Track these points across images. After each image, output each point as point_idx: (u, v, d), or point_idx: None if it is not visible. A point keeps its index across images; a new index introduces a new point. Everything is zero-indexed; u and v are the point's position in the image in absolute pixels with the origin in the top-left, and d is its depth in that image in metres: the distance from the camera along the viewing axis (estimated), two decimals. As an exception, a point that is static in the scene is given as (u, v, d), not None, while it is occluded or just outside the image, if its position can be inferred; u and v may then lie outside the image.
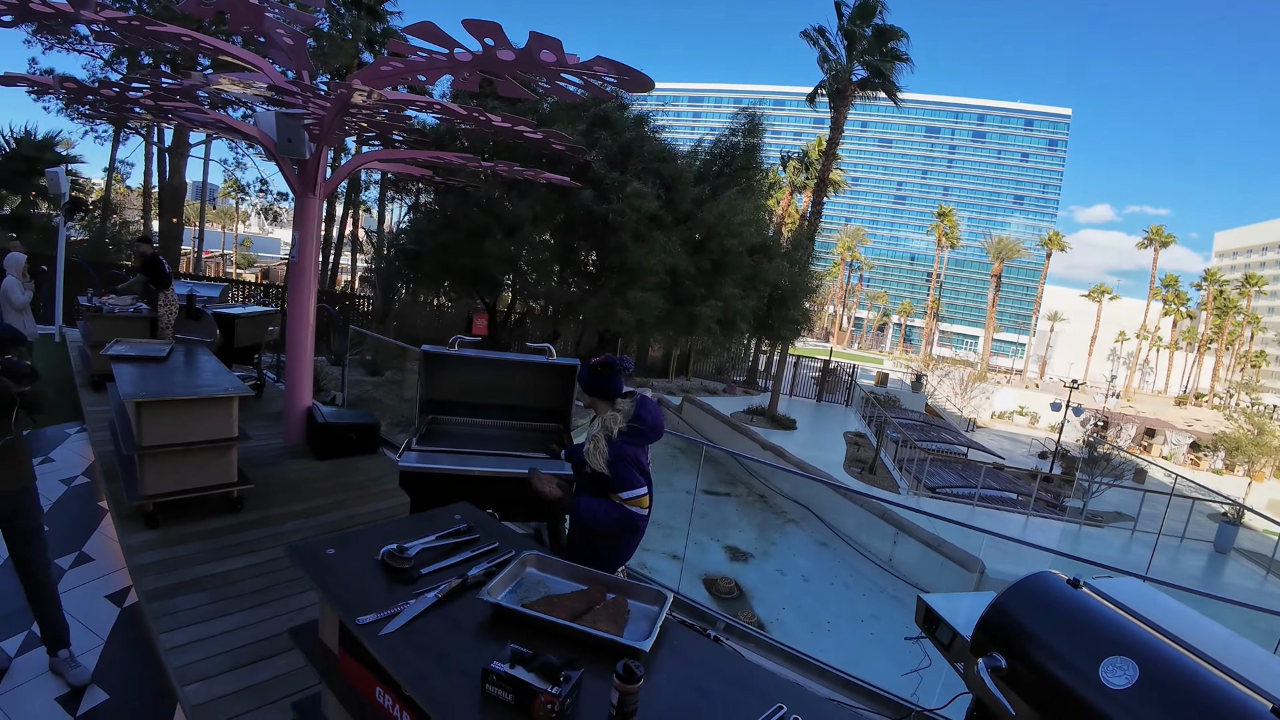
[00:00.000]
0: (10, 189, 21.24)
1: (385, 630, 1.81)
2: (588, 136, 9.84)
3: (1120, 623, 1.61)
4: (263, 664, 3.11)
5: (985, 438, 28.90)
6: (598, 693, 1.65)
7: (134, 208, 32.32)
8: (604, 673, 1.70)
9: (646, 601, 2.15)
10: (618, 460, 2.65)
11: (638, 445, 2.70)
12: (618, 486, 2.66)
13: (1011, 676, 1.66)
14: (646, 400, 2.83)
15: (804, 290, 12.92)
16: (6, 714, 2.85)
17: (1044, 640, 1.63)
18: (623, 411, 2.73)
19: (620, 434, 2.68)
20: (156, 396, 4.23)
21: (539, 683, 1.56)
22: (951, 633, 2.14)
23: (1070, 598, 1.72)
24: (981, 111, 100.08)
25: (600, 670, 1.70)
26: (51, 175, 9.40)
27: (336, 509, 4.88)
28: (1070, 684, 1.50)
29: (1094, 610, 1.66)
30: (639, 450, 2.71)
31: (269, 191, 26.73)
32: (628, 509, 2.66)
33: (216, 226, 57.02)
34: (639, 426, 2.70)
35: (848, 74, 20.73)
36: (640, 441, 2.72)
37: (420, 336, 15.04)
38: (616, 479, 2.66)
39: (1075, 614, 1.66)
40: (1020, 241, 69.37)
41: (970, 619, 2.03)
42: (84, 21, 4.91)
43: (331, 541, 2.31)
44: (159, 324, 7.47)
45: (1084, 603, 1.69)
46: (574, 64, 4.54)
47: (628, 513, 2.66)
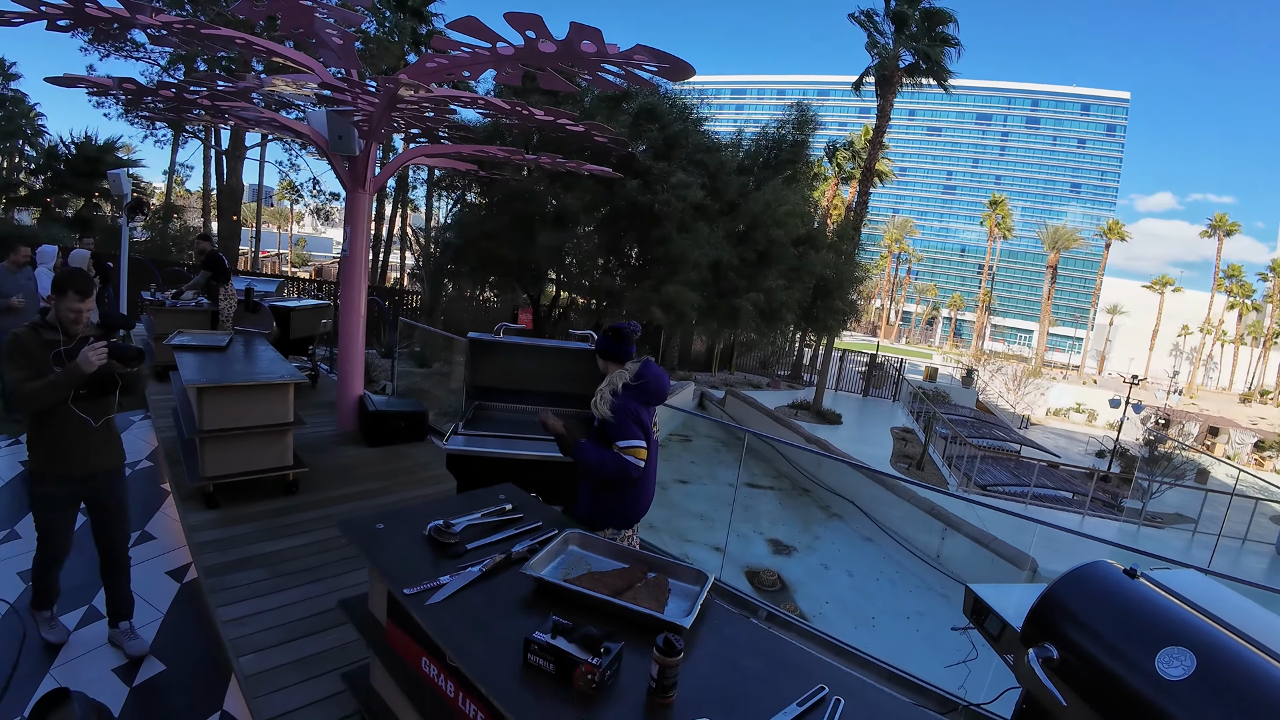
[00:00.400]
0: (74, 191, 22.44)
1: (431, 601, 1.86)
2: (633, 129, 9.84)
3: (1178, 613, 1.55)
4: (314, 637, 3.23)
5: (1040, 435, 27.93)
6: (637, 666, 1.66)
7: (194, 209, 33.72)
8: (643, 647, 1.72)
9: (687, 581, 2.15)
10: (618, 411, 2.87)
11: (639, 401, 2.92)
12: (615, 435, 2.86)
13: (1063, 667, 1.61)
14: (650, 362, 3.05)
15: (850, 281, 12.67)
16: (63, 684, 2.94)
17: (1098, 630, 1.59)
18: (629, 370, 2.97)
19: (625, 388, 2.92)
20: (217, 382, 4.42)
21: (580, 653, 1.58)
22: (1001, 623, 2.10)
23: (1126, 587, 1.66)
24: (1035, 96, 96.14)
25: (640, 645, 1.72)
26: (114, 177, 9.82)
27: (385, 493, 5.03)
28: (1124, 675, 1.45)
29: (1151, 600, 1.60)
30: (640, 407, 2.92)
31: (321, 192, 27.61)
32: (623, 457, 2.83)
33: (272, 227, 59.10)
34: (641, 383, 2.93)
35: (895, 59, 20.21)
36: (641, 398, 2.93)
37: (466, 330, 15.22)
38: (615, 428, 2.86)
39: (1131, 604, 1.61)
40: (1077, 231, 66.43)
41: (1020, 610, 1.99)
42: (140, 26, 5.12)
43: (380, 517, 2.38)
44: (219, 317, 7.80)
45: (1140, 593, 1.64)
46: (614, 54, 4.56)
47: (623, 460, 2.83)
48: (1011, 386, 34.75)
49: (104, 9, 4.60)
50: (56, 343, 2.81)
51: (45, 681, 2.96)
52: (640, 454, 2.87)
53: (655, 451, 3.12)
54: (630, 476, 2.88)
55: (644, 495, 3.11)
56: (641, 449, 2.87)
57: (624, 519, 3.06)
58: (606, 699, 1.57)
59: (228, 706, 2.96)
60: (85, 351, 2.70)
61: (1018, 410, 33.31)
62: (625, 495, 3.01)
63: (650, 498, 3.18)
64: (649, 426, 2.97)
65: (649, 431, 2.96)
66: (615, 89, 5.26)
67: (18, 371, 2.70)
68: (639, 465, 2.87)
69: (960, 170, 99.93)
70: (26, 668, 3.02)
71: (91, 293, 2.87)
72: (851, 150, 30.69)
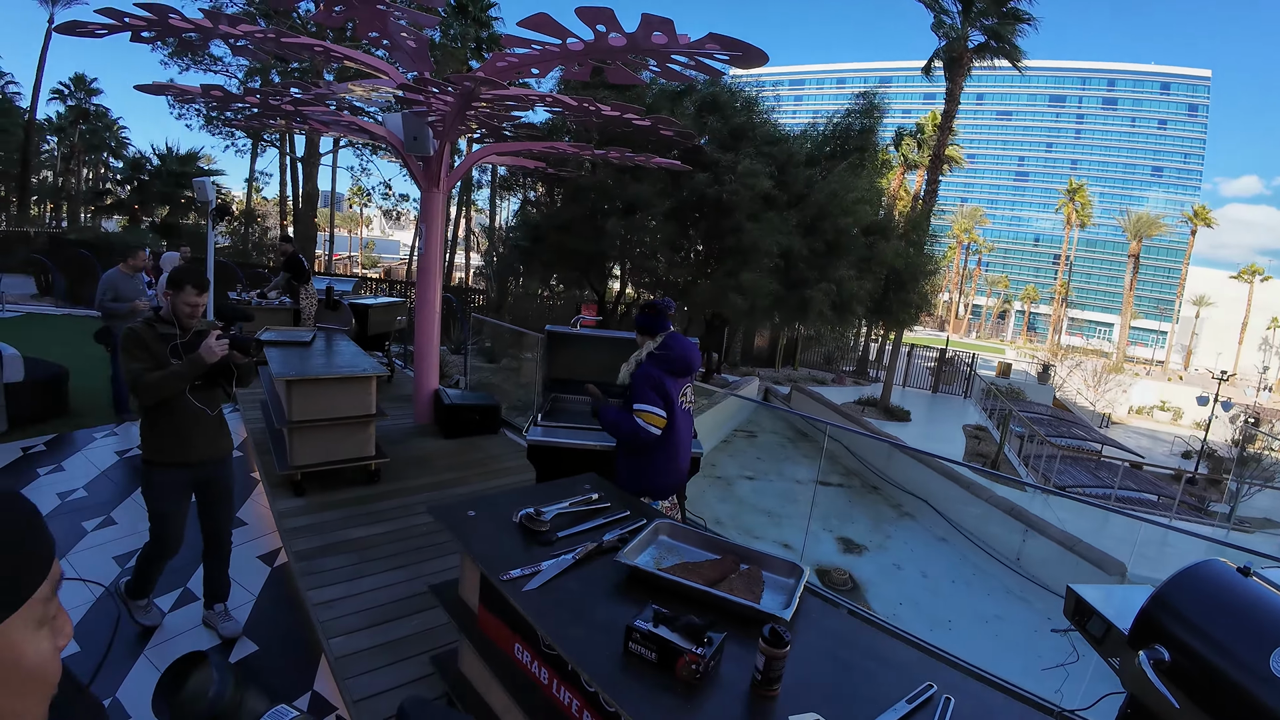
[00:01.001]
0: (159, 200, 23.91)
1: (528, 587, 1.87)
2: (696, 121, 9.79)
3: (1295, 612, 1.46)
4: (399, 621, 3.31)
5: (1121, 435, 26.38)
6: (736, 657, 1.64)
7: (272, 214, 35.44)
8: (741, 639, 1.69)
9: (780, 574, 2.11)
10: (639, 378, 3.04)
11: (663, 370, 3.06)
12: (634, 399, 3.01)
13: (1174, 670, 1.54)
14: (677, 335, 3.20)
15: (922, 272, 12.25)
16: (156, 664, 3.08)
17: (1212, 631, 1.51)
18: (656, 341, 3.14)
19: (650, 356, 3.09)
20: (304, 375, 4.60)
21: (683, 642, 1.56)
22: (1106, 625, 1.99)
23: (1241, 586, 1.58)
24: (1112, 76, 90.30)
25: (737, 636, 1.69)
26: (199, 184, 10.32)
27: (461, 484, 5.14)
28: (1238, 676, 1.40)
29: (1266, 599, 1.53)
30: (664, 375, 3.05)
31: (392, 194, 28.64)
32: (635, 420, 2.97)
33: (343, 231, 61.52)
34: (665, 353, 3.07)
35: (964, 39, 19.43)
36: (665, 366, 3.06)
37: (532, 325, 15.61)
38: (634, 392, 3.02)
39: (1246, 603, 1.54)
40: (1160, 218, 62.26)
41: (1124, 611, 1.92)
42: (222, 36, 5.36)
43: (470, 504, 2.42)
44: (301, 315, 8.15)
45: (1256, 591, 1.56)
46: (685, 44, 4.52)
47: (635, 424, 2.97)
48: (1091, 383, 32.98)
49: (187, 20, 4.83)
50: (172, 336, 2.93)
51: (139, 662, 3.07)
52: (652, 419, 2.98)
53: (687, 422, 3.23)
54: (640, 439, 2.98)
55: (673, 465, 3.18)
56: (655, 415, 2.98)
57: (657, 489, 3.15)
58: (709, 689, 1.54)
59: (318, 687, 3.03)
60: (208, 343, 2.81)
61: (1097, 408, 31.60)
62: (652, 462, 3.11)
63: (680, 470, 3.25)
64: (673, 397, 3.07)
65: (672, 401, 3.06)
66: (685, 80, 5.23)
67: (136, 364, 2.80)
68: (649, 430, 2.97)
69: (1033, 155, 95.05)
70: (121, 649, 3.14)
71: (207, 288, 3.01)
72: (919, 136, 29.70)
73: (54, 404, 6.33)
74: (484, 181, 25.41)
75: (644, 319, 3.21)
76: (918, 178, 31.57)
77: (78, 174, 35.34)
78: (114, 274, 6.18)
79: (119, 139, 35.69)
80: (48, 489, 4.79)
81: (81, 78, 32.47)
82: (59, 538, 4.05)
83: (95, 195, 29.14)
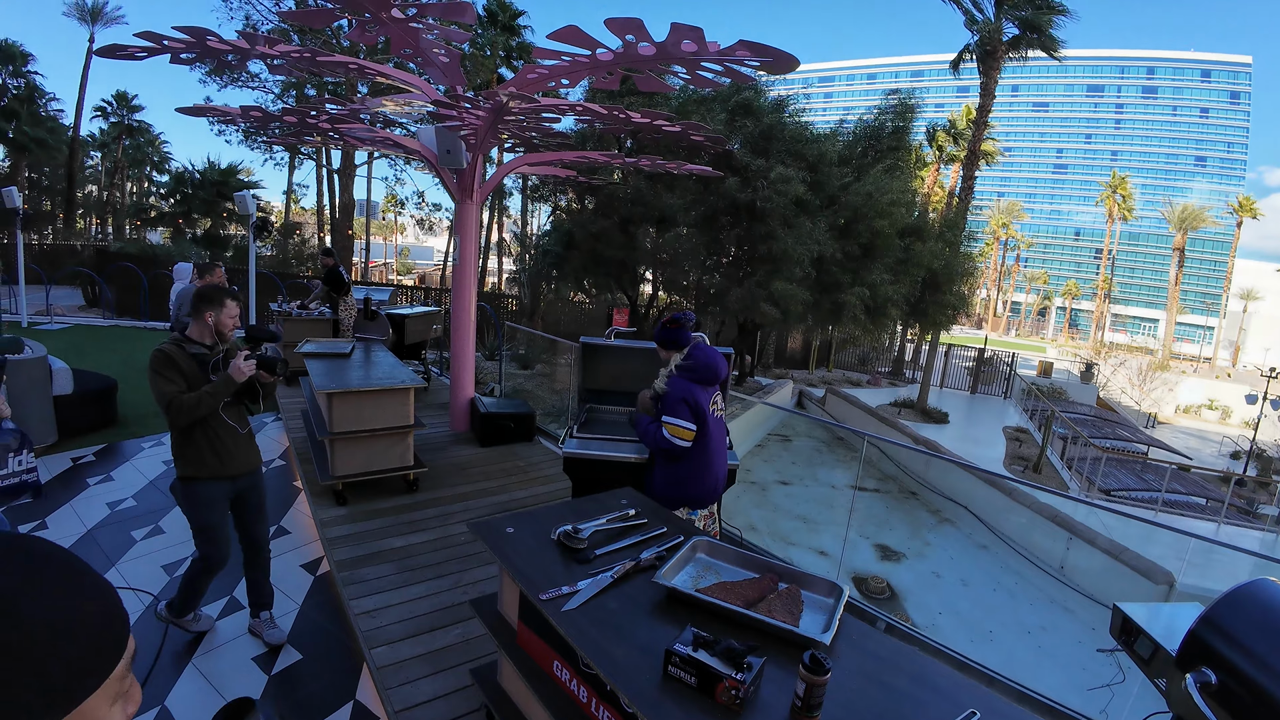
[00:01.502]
0: (202, 213, 24.68)
1: (567, 606, 1.88)
2: (728, 125, 9.73)
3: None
4: (440, 632, 3.36)
5: (1168, 435, 25.47)
6: (776, 680, 1.63)
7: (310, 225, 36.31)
8: (780, 661, 1.68)
9: (819, 593, 2.09)
10: (669, 393, 3.14)
11: (690, 380, 3.16)
12: (664, 411, 3.12)
13: (1223, 693, 1.48)
14: (702, 344, 3.29)
15: (959, 272, 11.97)
16: (204, 672, 3.16)
17: (1261, 653, 1.45)
18: (683, 354, 3.23)
19: (677, 369, 3.19)
20: (345, 388, 4.71)
21: (722, 667, 1.56)
22: (1153, 645, 1.94)
23: None
24: (1150, 64, 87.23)
25: (776, 659, 1.68)
26: (240, 198, 10.64)
27: (500, 492, 5.21)
28: None
29: None
30: (693, 386, 3.15)
31: (426, 204, 29.17)
32: (663, 433, 3.08)
33: (378, 239, 62.71)
34: (692, 364, 3.17)
35: (997, 32, 19.02)
36: (692, 377, 3.16)
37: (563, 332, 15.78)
38: (665, 405, 3.14)
39: None
40: (1205, 210, 59.84)
41: (1172, 630, 1.90)
42: (259, 56, 5.51)
43: (509, 520, 2.45)
44: (340, 325, 8.35)
45: None
46: (715, 51, 4.51)
47: (663, 435, 3.08)
48: (1136, 382, 31.95)
49: (225, 42, 4.97)
50: (204, 355, 3.00)
51: (187, 670, 3.15)
52: (678, 432, 3.07)
53: (720, 430, 3.32)
54: (662, 447, 3.09)
55: (708, 474, 3.24)
56: (682, 428, 3.07)
57: (693, 498, 3.22)
58: (749, 714, 1.54)
59: (360, 696, 3.09)
60: (235, 363, 2.89)
61: (1143, 408, 30.60)
62: (688, 471, 3.18)
63: (717, 478, 3.31)
64: (703, 407, 3.15)
65: (703, 411, 3.14)
66: (715, 86, 5.21)
67: (170, 385, 2.85)
68: (674, 442, 3.07)
69: (1071, 147, 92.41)
70: (168, 657, 3.22)
71: (239, 297, 3.11)
72: (952, 131, 29.12)
73: (103, 415, 6.54)
74: (515, 189, 25.72)
75: (665, 335, 3.29)
76: (953, 173, 30.97)
77: (122, 188, 36.66)
78: (189, 288, 6.37)
79: (161, 154, 36.98)
80: (97, 499, 4.96)
81: (123, 95, 33.70)
82: (108, 547, 4.22)
83: (139, 209, 30.20)
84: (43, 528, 4.43)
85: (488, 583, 3.84)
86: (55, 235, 27.01)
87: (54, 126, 25.93)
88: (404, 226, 61.53)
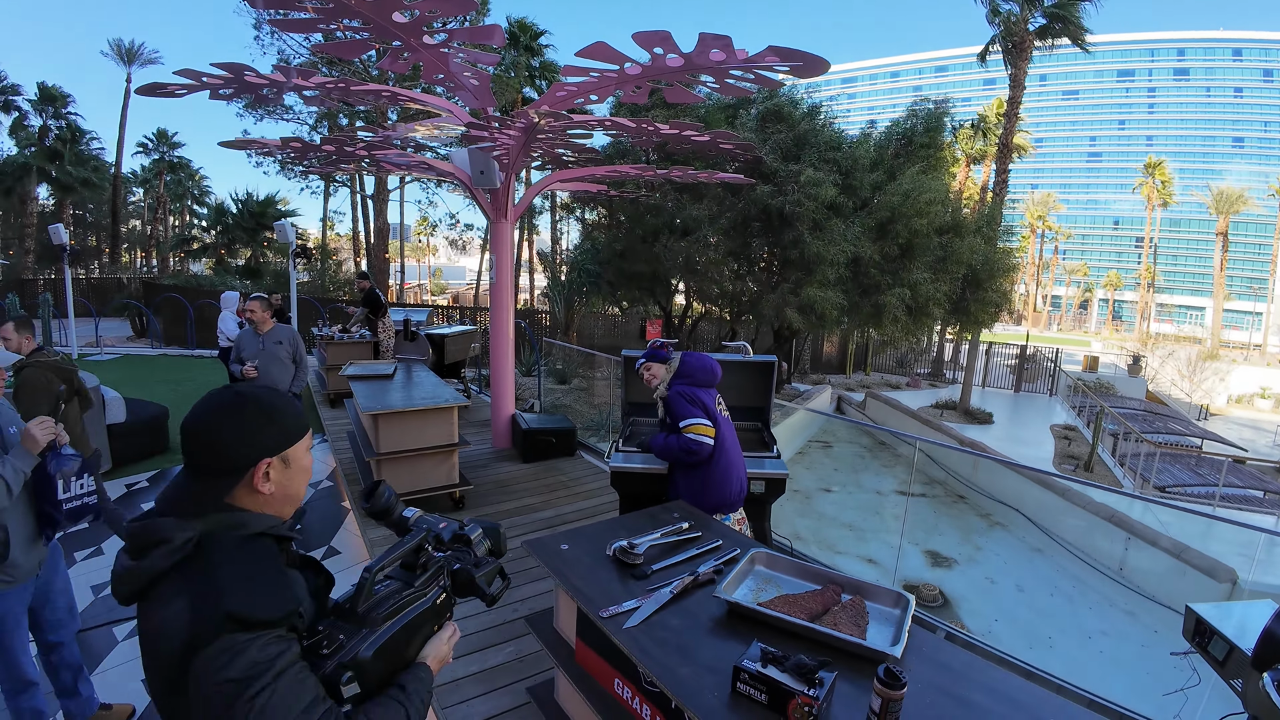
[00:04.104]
0: (242, 243, 25.46)
1: (629, 624, 1.86)
2: (759, 133, 9.68)
3: None
4: (492, 650, 3.36)
5: (1221, 427, 24.38)
6: (844, 696, 1.59)
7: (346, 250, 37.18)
8: (849, 676, 1.63)
9: (884, 603, 2.04)
10: (673, 399, 3.20)
11: (687, 383, 3.25)
12: (676, 417, 3.15)
13: None
14: (688, 352, 3.43)
15: (1001, 269, 11.67)
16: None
17: None
18: (673, 363, 3.35)
19: (673, 379, 3.30)
20: (390, 409, 4.77)
21: (794, 684, 1.52)
22: (1228, 646, 1.90)
23: None
24: (1180, 45, 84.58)
25: (844, 674, 1.64)
26: (280, 227, 10.96)
27: (545, 508, 5.21)
28: None
29: None
30: (693, 389, 3.23)
31: (459, 224, 29.74)
32: (688, 436, 3.09)
33: (412, 260, 63.93)
34: (685, 369, 3.30)
35: (1024, 23, 18.69)
36: (689, 382, 3.26)
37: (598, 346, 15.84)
38: (674, 412, 3.18)
39: None
40: (1245, 191, 57.38)
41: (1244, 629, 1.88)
42: (295, 89, 5.66)
43: (562, 538, 2.44)
44: (380, 347, 8.49)
45: None
46: (743, 59, 4.50)
47: (688, 439, 3.08)
48: (1186, 373, 30.75)
49: (262, 76, 5.13)
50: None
51: None
52: (701, 430, 3.08)
53: (731, 429, 3.35)
54: (692, 450, 3.07)
55: (732, 474, 3.22)
56: (702, 425, 3.09)
57: (722, 502, 3.18)
58: (823, 731, 1.50)
59: (415, 717, 3.12)
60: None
61: (1194, 399, 29.41)
62: (711, 476, 3.16)
63: (741, 479, 3.29)
64: (710, 406, 3.21)
65: (712, 411, 3.20)
66: (744, 94, 5.21)
67: None
68: (703, 441, 3.07)
69: (1105, 134, 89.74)
70: None
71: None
72: (982, 126, 28.61)
73: (155, 442, 6.73)
74: (544, 206, 26.03)
75: (649, 354, 3.45)
76: (984, 169, 30.40)
77: (165, 222, 38.01)
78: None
79: (201, 187, 38.32)
80: (153, 524, 5.10)
81: (164, 132, 35.01)
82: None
83: (182, 241, 31.26)
84: (99, 554, 4.57)
85: (537, 599, 3.84)
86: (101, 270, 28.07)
87: (97, 165, 26.97)
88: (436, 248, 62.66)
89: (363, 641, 1.12)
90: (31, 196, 26.90)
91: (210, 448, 1.11)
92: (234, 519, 1.09)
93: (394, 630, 1.17)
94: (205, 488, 1.11)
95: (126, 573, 1.03)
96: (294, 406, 1.22)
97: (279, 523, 1.17)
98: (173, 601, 0.99)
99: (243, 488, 1.12)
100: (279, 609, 1.02)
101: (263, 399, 1.17)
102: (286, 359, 4.96)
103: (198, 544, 1.03)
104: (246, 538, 1.08)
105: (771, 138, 9.52)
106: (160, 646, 0.98)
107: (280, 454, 1.16)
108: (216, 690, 0.93)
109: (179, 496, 1.09)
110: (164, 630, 0.98)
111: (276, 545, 1.14)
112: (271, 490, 1.15)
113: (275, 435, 1.15)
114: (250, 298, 5.22)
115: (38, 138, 25.17)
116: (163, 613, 0.99)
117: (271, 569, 1.08)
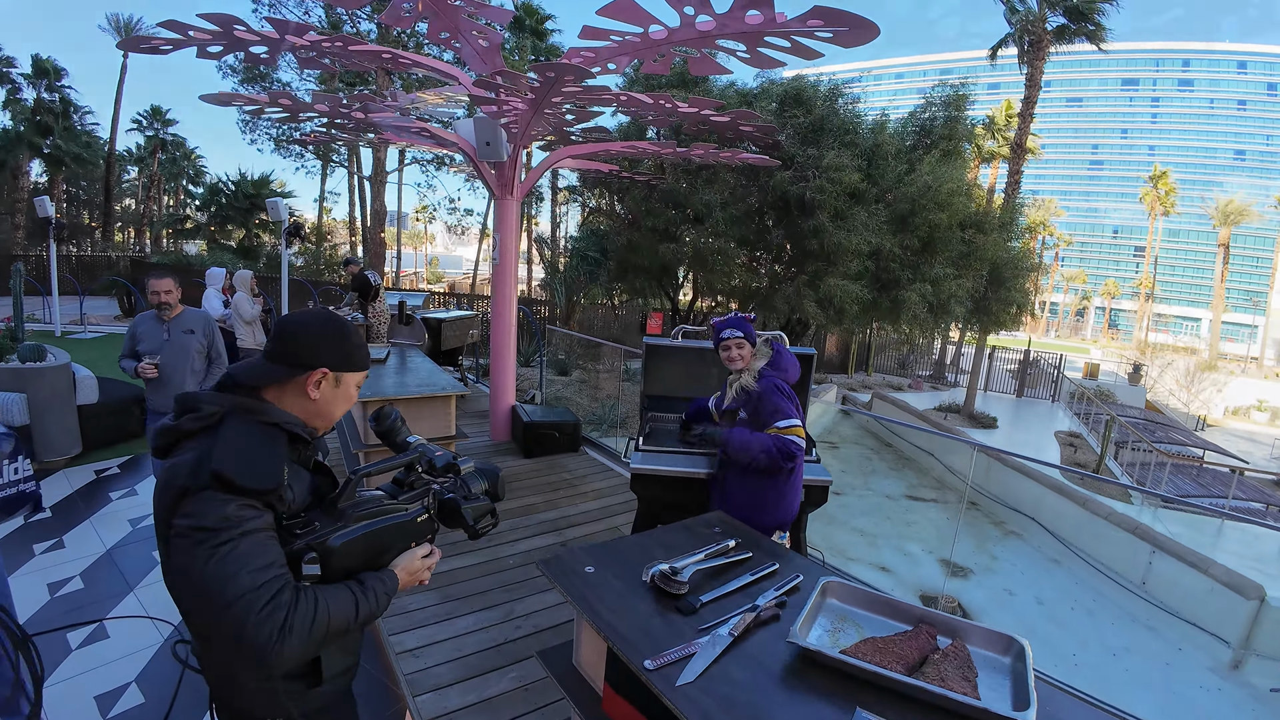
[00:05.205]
0: (236, 224, 24.96)
1: (682, 680, 1.45)
2: (779, 116, 9.22)
3: None
4: (493, 676, 2.96)
5: (1219, 438, 24.17)
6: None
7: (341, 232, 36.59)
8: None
9: (991, 649, 1.64)
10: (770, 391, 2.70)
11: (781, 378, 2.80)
12: (768, 414, 2.67)
13: None
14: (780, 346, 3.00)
15: (1025, 267, 11.26)
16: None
17: None
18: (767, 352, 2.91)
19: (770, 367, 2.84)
20: (381, 396, 4.34)
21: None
22: None
23: None
24: (1186, 56, 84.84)
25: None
26: (272, 205, 10.58)
27: (548, 508, 4.78)
28: None
29: None
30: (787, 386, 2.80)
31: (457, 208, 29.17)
32: (784, 437, 2.60)
33: (408, 248, 63.26)
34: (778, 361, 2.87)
35: (1042, 22, 18.35)
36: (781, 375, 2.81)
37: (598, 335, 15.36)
38: (767, 410, 2.68)
39: None
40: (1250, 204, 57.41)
41: None
42: (290, 48, 5.20)
43: (583, 554, 2.02)
44: (371, 331, 8.03)
45: None
46: (783, 22, 4.08)
47: (786, 441, 2.60)
48: (1184, 383, 30.54)
49: (253, 31, 4.68)
50: None
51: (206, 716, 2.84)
52: (801, 434, 2.66)
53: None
54: (792, 454, 2.62)
55: (796, 494, 2.87)
56: (801, 428, 2.68)
57: (782, 520, 2.81)
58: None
59: (409, 751, 2.71)
60: None
61: (1191, 410, 29.24)
62: (785, 489, 2.76)
63: (799, 499, 2.95)
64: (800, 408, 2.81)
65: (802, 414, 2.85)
66: (776, 65, 4.78)
67: None
68: (803, 446, 2.66)
69: (1108, 142, 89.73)
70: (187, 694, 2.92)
71: None
72: (991, 127, 28.31)
73: (129, 426, 6.25)
74: (545, 191, 25.52)
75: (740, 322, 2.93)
76: (991, 171, 30.12)
77: (158, 201, 37.26)
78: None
79: (196, 167, 37.56)
80: (119, 514, 4.66)
81: (158, 109, 34.14)
82: (128, 569, 3.87)
83: (175, 220, 30.64)
84: (60, 547, 4.12)
85: (543, 614, 3.43)
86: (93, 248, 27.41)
87: (89, 141, 26.20)
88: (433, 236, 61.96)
89: (333, 531, 1.22)
90: (23, 171, 26.25)
91: (292, 339, 1.30)
92: (257, 405, 1.25)
93: (365, 529, 1.27)
94: (263, 372, 1.28)
95: (164, 429, 1.21)
96: (367, 347, 1.44)
97: (298, 423, 1.29)
98: (185, 456, 1.16)
99: (293, 385, 1.30)
100: (260, 482, 1.14)
101: (349, 329, 1.38)
102: (198, 354, 3.82)
103: (221, 418, 1.20)
104: (262, 423, 1.23)
105: (791, 120, 9.07)
106: (165, 493, 1.15)
107: (338, 372, 1.34)
108: (189, 532, 1.09)
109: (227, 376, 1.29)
110: (171, 479, 1.14)
111: (286, 437, 1.26)
112: (316, 398, 1.31)
113: (342, 356, 1.34)
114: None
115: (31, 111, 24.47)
116: (175, 463, 1.16)
117: (268, 452, 1.20)
